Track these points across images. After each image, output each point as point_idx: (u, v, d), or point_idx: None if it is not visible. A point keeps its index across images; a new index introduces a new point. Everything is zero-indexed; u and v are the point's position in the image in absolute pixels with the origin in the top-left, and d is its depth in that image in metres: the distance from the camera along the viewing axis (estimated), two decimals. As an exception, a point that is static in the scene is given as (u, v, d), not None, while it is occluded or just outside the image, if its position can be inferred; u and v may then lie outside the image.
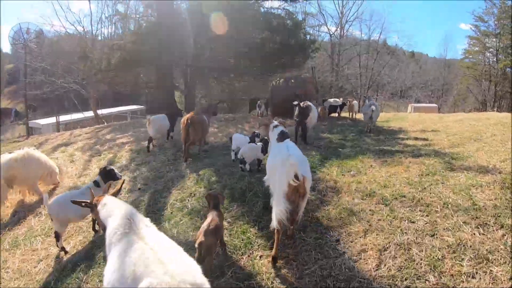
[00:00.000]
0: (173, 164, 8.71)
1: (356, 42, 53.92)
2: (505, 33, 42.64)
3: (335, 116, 17.54)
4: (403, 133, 11.60)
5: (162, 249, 2.69)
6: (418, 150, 8.45)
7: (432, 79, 63.97)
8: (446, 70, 63.73)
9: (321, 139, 10.39)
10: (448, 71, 63.31)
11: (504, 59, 43.71)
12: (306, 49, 20.12)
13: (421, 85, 62.89)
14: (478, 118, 13.91)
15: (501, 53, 44.48)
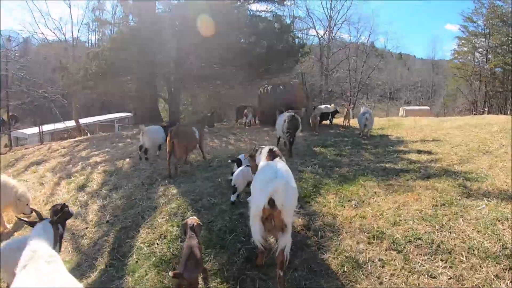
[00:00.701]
0: (147, 190, 7.65)
1: (345, 45, 53.40)
2: (494, 33, 42.59)
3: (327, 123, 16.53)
4: (403, 145, 10.61)
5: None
6: (425, 169, 7.52)
7: (421, 80, 64.14)
8: (434, 71, 64.00)
9: (315, 156, 9.34)
10: (436, 72, 63.59)
11: (494, 59, 43.47)
12: (295, 53, 19.12)
13: (410, 86, 63.01)
14: (478, 124, 13.04)
15: (490, 53, 44.29)
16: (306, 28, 50.29)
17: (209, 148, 11.54)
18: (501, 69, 43.66)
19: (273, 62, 18.33)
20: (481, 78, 44.90)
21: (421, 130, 13.36)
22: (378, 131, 13.95)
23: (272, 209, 3.54)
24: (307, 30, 50.34)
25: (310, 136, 12.94)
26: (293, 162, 8.45)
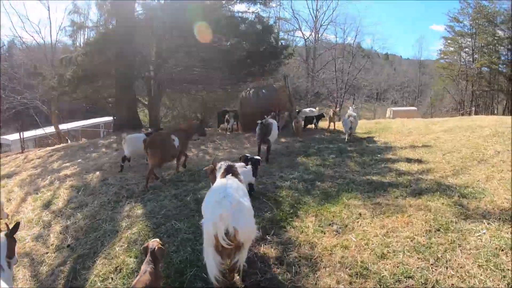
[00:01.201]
0: (112, 209, 6.86)
1: (331, 46, 53.08)
2: (480, 33, 42.69)
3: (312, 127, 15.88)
4: (391, 152, 9.91)
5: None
6: (416, 182, 6.80)
7: (408, 80, 64.27)
8: (420, 71, 64.25)
9: (296, 167, 8.56)
10: (422, 72, 63.84)
11: (480, 59, 43.48)
12: (278, 55, 18.42)
13: (397, 87, 63.05)
14: (469, 127, 12.41)
15: (476, 52, 44.37)
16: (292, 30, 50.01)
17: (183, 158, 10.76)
18: (488, 69, 43.78)
19: (255, 65, 17.63)
20: (468, 77, 44.91)
21: (410, 134, 12.70)
22: (365, 136, 13.27)
23: (227, 241, 3.22)
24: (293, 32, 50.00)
25: (293, 142, 12.20)
26: (271, 176, 7.71)
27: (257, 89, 16.63)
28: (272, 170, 8.18)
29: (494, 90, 44.27)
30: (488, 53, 42.98)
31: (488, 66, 43.27)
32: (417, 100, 60.67)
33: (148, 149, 7.56)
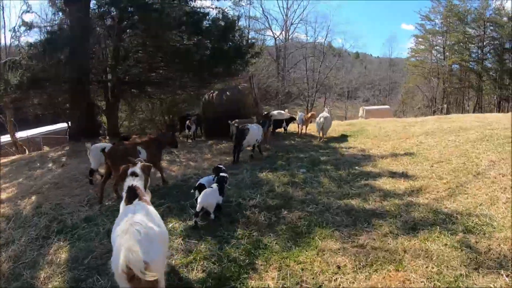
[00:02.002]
0: (39, 248, 5.46)
1: (302, 45, 52.29)
2: (451, 31, 43.19)
3: (281, 131, 14.60)
4: (371, 162, 8.58)
5: None
6: (406, 209, 5.48)
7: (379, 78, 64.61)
8: (391, 69, 64.82)
9: (258, 187, 7.11)
10: (393, 70, 64.43)
11: (451, 56, 43.93)
12: (244, 54, 16.95)
13: (368, 85, 63.19)
14: (451, 129, 11.39)
15: (448, 50, 44.84)
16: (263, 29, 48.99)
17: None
18: (459, 66, 44.20)
19: (219, 65, 16.12)
20: (439, 75, 45.39)
21: (388, 138, 11.50)
22: (339, 141, 11.99)
23: None
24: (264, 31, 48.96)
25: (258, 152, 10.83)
26: (227, 202, 6.21)
27: (221, 91, 15.21)
28: (229, 192, 6.70)
29: (465, 87, 44.69)
30: (459, 51, 43.40)
31: (459, 64, 43.60)
32: (388, 98, 60.96)
33: (109, 160, 6.73)
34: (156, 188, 7.60)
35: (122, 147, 7.06)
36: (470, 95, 45.67)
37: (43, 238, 5.81)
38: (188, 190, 6.98)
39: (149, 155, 7.15)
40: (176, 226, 5.55)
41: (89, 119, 16.67)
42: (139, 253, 2.83)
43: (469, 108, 43.65)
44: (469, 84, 44.13)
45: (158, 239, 3.30)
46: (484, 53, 42.42)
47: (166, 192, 7.27)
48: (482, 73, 42.25)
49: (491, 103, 43.14)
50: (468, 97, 46.04)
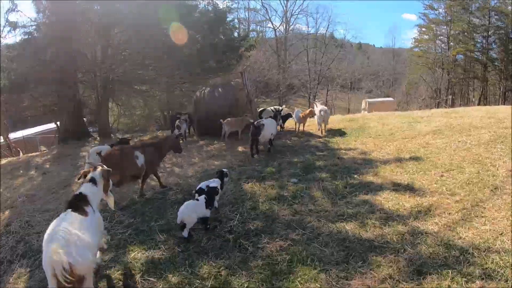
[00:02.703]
0: (2, 274, 4.93)
1: (303, 36, 51.14)
2: (456, 20, 42.14)
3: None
4: (372, 170, 7.54)
5: None
6: (412, 241, 4.47)
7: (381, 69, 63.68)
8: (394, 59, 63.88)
9: (240, 204, 6.11)
10: (396, 61, 63.48)
11: (456, 46, 42.86)
12: (235, 48, 15.94)
13: (371, 76, 62.16)
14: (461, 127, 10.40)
15: (452, 40, 43.79)
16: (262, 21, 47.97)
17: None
18: (463, 56, 43.22)
19: (210, 60, 15.13)
20: (443, 65, 44.26)
21: (392, 138, 10.47)
22: (339, 140, 10.96)
23: None
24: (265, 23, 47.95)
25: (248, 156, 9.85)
26: (198, 230, 5.24)
27: (213, 88, 14.18)
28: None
29: (469, 78, 43.79)
30: (463, 41, 42.37)
31: (463, 54, 42.64)
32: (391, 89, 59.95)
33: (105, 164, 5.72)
34: (130, 202, 6.73)
35: (119, 152, 6.69)
36: (475, 85, 44.67)
37: (8, 262, 5.20)
38: (163, 207, 6.27)
39: (147, 161, 6.81)
40: (138, 257, 4.64)
41: (77, 119, 15.85)
42: (61, 255, 3.04)
43: (474, 99, 42.69)
44: (474, 74, 43.16)
45: (83, 244, 3.41)
46: (489, 43, 41.49)
47: (138, 209, 6.35)
48: (487, 63, 41.29)
49: (496, 94, 42.36)
50: (473, 87, 45.05)
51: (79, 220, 3.69)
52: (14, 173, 10.89)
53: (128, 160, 6.59)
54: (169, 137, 8.20)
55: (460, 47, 42.18)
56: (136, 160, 6.65)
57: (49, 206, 7.16)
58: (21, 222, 6.43)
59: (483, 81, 41.80)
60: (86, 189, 4.12)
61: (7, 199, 8.09)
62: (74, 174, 9.32)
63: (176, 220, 5.08)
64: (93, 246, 3.68)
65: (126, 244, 5.02)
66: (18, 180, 9.98)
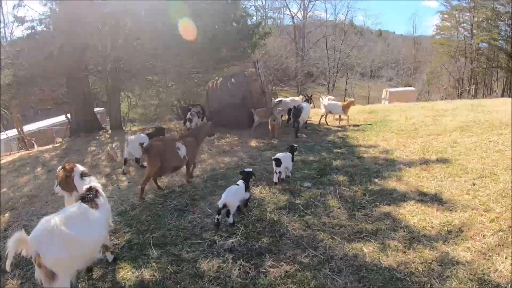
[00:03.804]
0: None
1: (321, 23, 49.94)
2: (479, 7, 40.81)
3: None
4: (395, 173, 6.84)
5: None
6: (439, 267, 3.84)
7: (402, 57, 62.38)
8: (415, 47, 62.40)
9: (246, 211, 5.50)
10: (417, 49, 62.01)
11: (479, 34, 41.62)
12: (250, 35, 15.20)
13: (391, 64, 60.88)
14: (492, 124, 9.83)
15: (475, 28, 42.43)
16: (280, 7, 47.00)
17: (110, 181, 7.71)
18: (487, 45, 41.97)
19: (223, 48, 14.48)
20: (466, 54, 42.94)
21: (416, 134, 9.80)
22: (359, 136, 10.29)
23: None
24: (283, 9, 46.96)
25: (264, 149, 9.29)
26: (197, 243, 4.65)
27: (226, 78, 13.56)
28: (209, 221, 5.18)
29: (493, 67, 42.56)
30: (487, 29, 41.01)
31: (487, 42, 41.35)
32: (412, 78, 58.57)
33: (147, 155, 6.52)
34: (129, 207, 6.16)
35: (162, 143, 6.75)
36: (498, 75, 43.31)
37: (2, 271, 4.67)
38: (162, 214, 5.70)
39: (189, 151, 6.90)
40: (127, 277, 4.11)
41: (87, 112, 15.43)
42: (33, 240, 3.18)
43: (498, 89, 41.49)
44: (497, 64, 41.83)
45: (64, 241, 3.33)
46: (515, 31, 39.66)
47: (136, 216, 5.77)
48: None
49: None
50: (497, 77, 43.68)
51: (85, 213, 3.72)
52: (21, 171, 10.41)
53: (171, 152, 6.64)
54: (204, 125, 8.26)
55: (484, 35, 40.89)
56: (178, 151, 6.70)
57: (47, 209, 6.66)
58: (18, 226, 6.00)
59: (507, 71, 40.38)
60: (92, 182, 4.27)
61: (9, 199, 7.60)
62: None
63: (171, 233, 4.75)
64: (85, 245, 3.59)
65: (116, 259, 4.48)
66: (23, 178, 9.49)
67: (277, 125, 10.71)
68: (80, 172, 4.46)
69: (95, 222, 3.75)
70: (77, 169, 4.52)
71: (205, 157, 9.27)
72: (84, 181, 4.33)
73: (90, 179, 4.34)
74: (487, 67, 42.63)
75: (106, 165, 9.30)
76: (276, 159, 6.43)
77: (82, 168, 4.54)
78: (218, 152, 9.62)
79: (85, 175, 4.42)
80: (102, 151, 10.59)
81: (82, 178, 4.39)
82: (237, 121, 12.48)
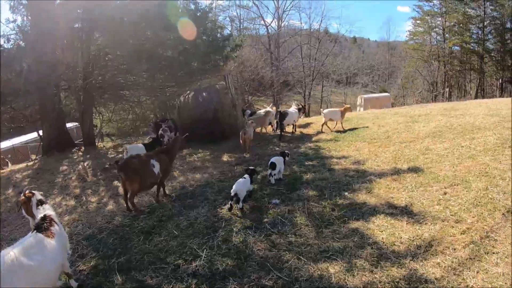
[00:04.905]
0: None
1: (296, 32, 50.17)
2: (451, 12, 41.47)
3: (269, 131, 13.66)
4: (366, 185, 6.65)
5: None
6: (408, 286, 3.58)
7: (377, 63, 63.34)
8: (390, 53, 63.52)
9: (212, 233, 5.21)
10: (391, 54, 63.18)
11: (451, 38, 42.34)
12: (221, 48, 15.00)
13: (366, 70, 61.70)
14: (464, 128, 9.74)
15: (447, 32, 43.13)
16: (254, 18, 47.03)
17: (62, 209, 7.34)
18: (459, 48, 42.57)
19: (194, 62, 14.25)
20: (439, 58, 43.67)
21: (389, 142, 9.68)
22: (331, 146, 10.16)
23: None
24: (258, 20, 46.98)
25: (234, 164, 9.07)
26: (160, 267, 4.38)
27: (197, 92, 13.36)
28: (173, 244, 4.94)
29: (466, 70, 43.16)
30: (459, 32, 41.76)
31: (459, 45, 42.01)
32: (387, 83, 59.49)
33: (122, 173, 6.33)
34: (97, 231, 5.85)
35: (136, 160, 6.63)
36: (471, 77, 43.98)
37: None
38: (128, 237, 5.46)
39: (162, 168, 6.79)
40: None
41: (60, 130, 14.95)
42: None
43: (471, 91, 42.10)
44: (470, 66, 42.50)
45: (22, 273, 3.30)
46: (485, 34, 40.78)
47: (103, 239, 5.51)
48: (484, 54, 40.60)
49: (494, 84, 41.86)
50: (470, 79, 44.36)
51: (41, 242, 3.66)
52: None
53: (146, 169, 6.55)
54: (176, 139, 7.95)
55: (456, 38, 41.61)
56: (153, 168, 6.61)
57: (15, 235, 6.32)
58: None
59: (480, 73, 41.21)
60: (47, 210, 4.21)
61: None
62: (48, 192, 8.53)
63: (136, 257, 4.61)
64: (42, 274, 3.51)
65: (82, 287, 4.22)
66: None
67: (248, 138, 10.51)
68: (37, 200, 4.41)
69: (51, 251, 3.66)
70: (34, 198, 4.45)
71: (175, 174, 8.99)
72: (39, 210, 4.27)
73: (44, 208, 4.27)
74: (460, 69, 43.32)
75: (77, 185, 8.96)
76: (272, 162, 7.23)
77: (40, 197, 4.47)
78: (189, 169, 9.40)
79: (41, 203, 4.37)
80: (73, 171, 10.22)
81: (37, 207, 4.34)
82: (210, 135, 12.28)
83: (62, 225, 4.23)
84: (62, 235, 4.02)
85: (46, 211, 4.17)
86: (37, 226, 3.87)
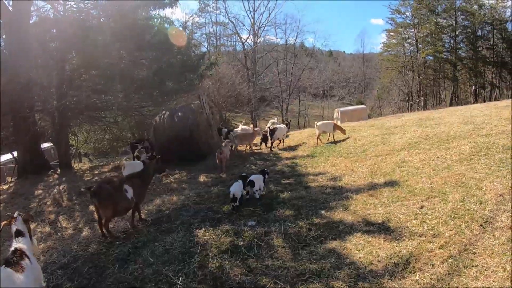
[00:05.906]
0: None
1: (272, 47, 50.56)
2: (423, 23, 42.99)
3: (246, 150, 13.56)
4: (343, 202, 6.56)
5: None
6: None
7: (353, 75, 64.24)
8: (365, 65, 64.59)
9: (187, 259, 4.98)
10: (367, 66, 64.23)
11: (424, 48, 43.67)
12: (195, 67, 14.92)
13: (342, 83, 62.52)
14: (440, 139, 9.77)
15: (420, 42, 44.58)
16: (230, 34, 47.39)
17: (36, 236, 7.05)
18: (432, 57, 43.92)
19: (169, 81, 14.12)
20: (414, 68, 44.94)
21: (365, 156, 9.71)
22: (308, 163, 10.11)
23: None
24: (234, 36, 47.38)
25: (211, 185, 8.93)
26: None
27: (173, 112, 13.18)
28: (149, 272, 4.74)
29: (440, 78, 44.43)
30: (432, 42, 43.10)
31: (433, 55, 43.38)
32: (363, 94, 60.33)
33: (95, 199, 6.10)
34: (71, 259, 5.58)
35: (108, 186, 6.39)
36: (445, 85, 45.20)
37: None
38: (104, 265, 5.26)
39: (136, 193, 6.56)
40: None
41: (34, 151, 14.54)
42: None
43: (446, 99, 43.08)
44: (444, 74, 43.90)
45: None
46: (457, 43, 42.31)
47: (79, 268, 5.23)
48: (457, 62, 42.06)
49: (467, 91, 43.16)
50: (444, 87, 45.51)
51: (9, 278, 3.55)
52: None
53: (120, 194, 6.34)
54: (149, 164, 7.55)
55: (429, 48, 42.93)
56: (126, 193, 6.41)
57: None
58: None
59: (454, 81, 42.50)
60: (20, 243, 4.07)
61: None
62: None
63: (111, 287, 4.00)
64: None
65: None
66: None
67: (225, 158, 10.39)
68: (15, 230, 4.28)
69: (20, 286, 3.57)
70: (14, 226, 4.34)
71: (151, 196, 8.78)
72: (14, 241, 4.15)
73: (18, 240, 4.15)
74: (434, 78, 44.65)
75: (52, 211, 8.69)
76: (250, 181, 7.47)
77: (20, 227, 4.32)
78: (165, 191, 9.24)
79: (19, 234, 4.23)
80: (48, 195, 9.94)
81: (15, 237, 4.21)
82: (186, 155, 12.10)
83: (35, 258, 4.08)
84: (34, 268, 3.88)
85: (17, 244, 4.03)
86: (6, 260, 3.75)
